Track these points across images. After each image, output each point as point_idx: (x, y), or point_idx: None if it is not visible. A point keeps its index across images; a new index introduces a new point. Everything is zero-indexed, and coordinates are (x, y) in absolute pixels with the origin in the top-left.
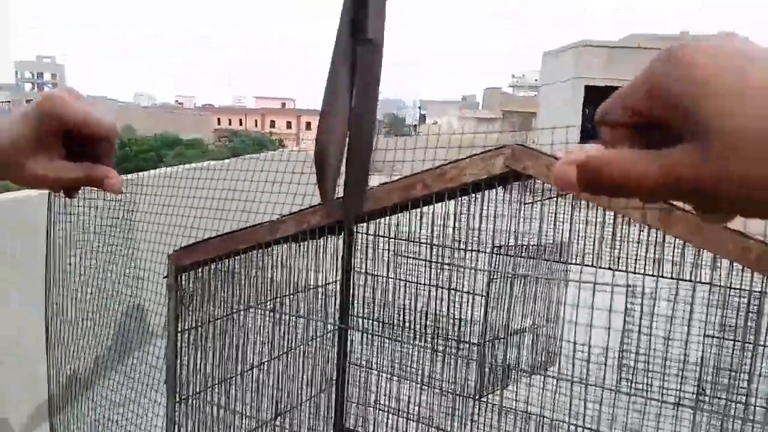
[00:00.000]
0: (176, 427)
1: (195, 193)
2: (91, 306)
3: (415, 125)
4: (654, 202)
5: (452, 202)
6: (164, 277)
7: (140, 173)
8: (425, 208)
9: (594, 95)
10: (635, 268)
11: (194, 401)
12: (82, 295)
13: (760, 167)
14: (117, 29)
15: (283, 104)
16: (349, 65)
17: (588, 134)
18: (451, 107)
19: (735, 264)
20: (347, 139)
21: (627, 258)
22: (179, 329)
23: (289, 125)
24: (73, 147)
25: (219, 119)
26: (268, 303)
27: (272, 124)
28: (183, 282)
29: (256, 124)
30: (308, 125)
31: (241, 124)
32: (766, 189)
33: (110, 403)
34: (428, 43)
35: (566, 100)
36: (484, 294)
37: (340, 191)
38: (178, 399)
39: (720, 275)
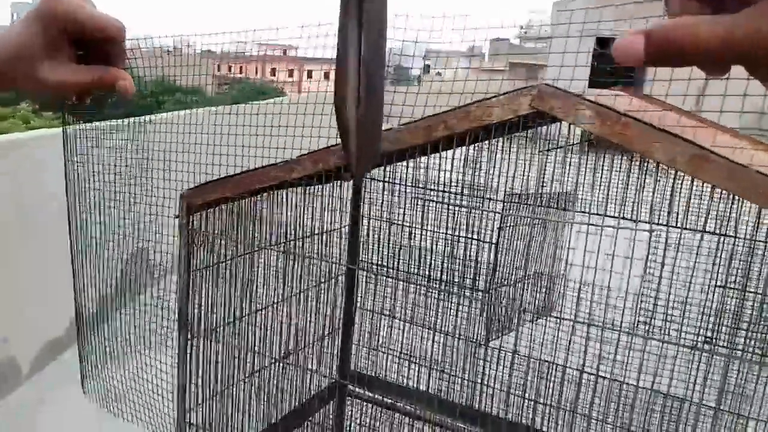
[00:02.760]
0: (188, 361)
1: (199, 139)
2: (110, 243)
3: (419, 76)
4: (720, 72)
5: (463, 148)
6: (175, 217)
7: (146, 116)
8: (442, 153)
9: (605, 48)
10: (659, 219)
11: (205, 339)
12: (102, 233)
13: None
14: None
15: (285, 51)
16: (357, 18)
17: (597, 85)
18: (456, 58)
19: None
20: (359, 91)
21: (651, 209)
22: (191, 268)
23: (291, 73)
24: (80, 51)
25: (219, 66)
26: (280, 245)
27: (273, 72)
28: (194, 222)
29: (256, 72)
30: (309, 74)
31: (241, 71)
32: None
33: (124, 336)
34: None
35: (576, 52)
36: (494, 241)
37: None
38: (189, 336)
39: (746, 228)
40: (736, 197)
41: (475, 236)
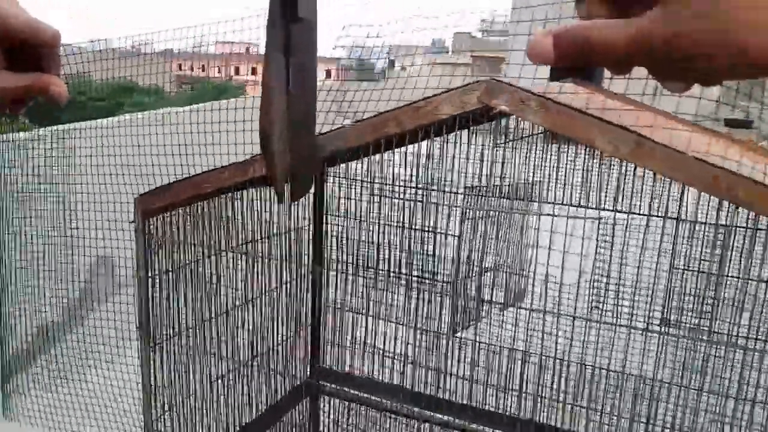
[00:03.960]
0: (152, 371)
1: (155, 141)
2: (50, 258)
3: (384, 71)
4: (624, 71)
5: (424, 143)
6: (130, 222)
7: (98, 120)
8: (397, 150)
9: None
10: (604, 204)
11: (168, 346)
12: (37, 249)
13: (704, 23)
14: None
15: (247, 49)
16: (283, 46)
17: (556, 79)
18: (420, 53)
19: (701, 199)
20: (288, 119)
21: (598, 194)
22: (149, 274)
23: (254, 71)
24: (12, 58)
25: (180, 65)
26: (241, 246)
27: (236, 70)
28: (151, 226)
29: (219, 71)
30: None
31: (203, 70)
32: (710, 45)
33: (79, 354)
34: None
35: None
36: (456, 234)
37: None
38: (152, 344)
39: (686, 210)
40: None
41: (437, 230)
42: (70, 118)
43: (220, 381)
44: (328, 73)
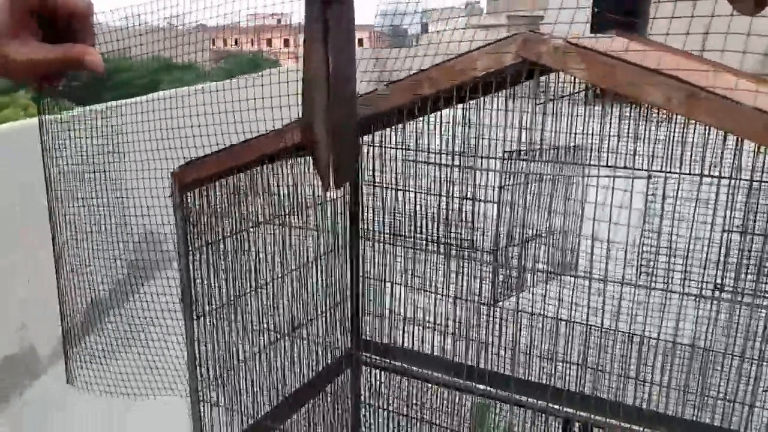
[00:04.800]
0: (196, 344)
1: (193, 115)
2: (101, 235)
3: (417, 36)
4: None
5: (460, 110)
6: (169, 196)
7: (141, 97)
8: (433, 116)
9: None
10: (651, 165)
11: (211, 319)
12: (90, 225)
13: None
14: None
15: (279, 20)
16: (323, 27)
17: (597, 30)
18: (454, 14)
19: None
20: (330, 100)
21: (644, 156)
22: (189, 248)
23: (286, 43)
24: (46, 29)
25: (213, 40)
26: (279, 218)
27: (269, 42)
28: (188, 200)
29: (252, 43)
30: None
31: (236, 43)
32: None
33: (129, 328)
34: None
35: None
36: (495, 201)
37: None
38: (195, 317)
39: (741, 170)
40: (738, 138)
41: (475, 197)
42: (113, 96)
43: (262, 352)
44: (360, 41)
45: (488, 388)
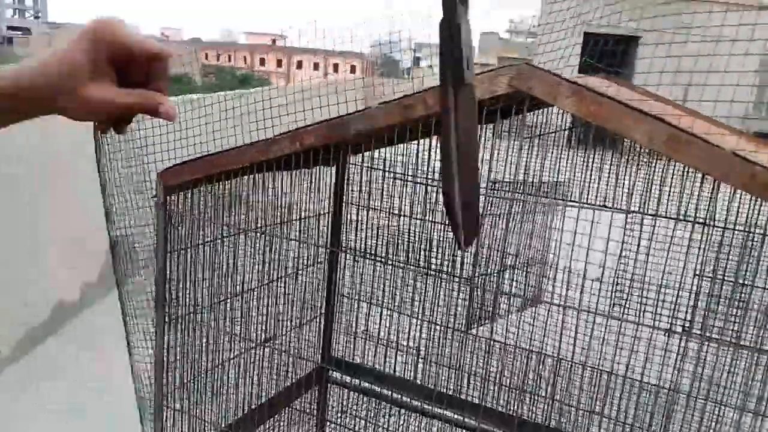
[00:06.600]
0: (166, 346)
1: (178, 126)
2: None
3: (409, 68)
4: None
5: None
6: (153, 197)
7: None
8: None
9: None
10: (630, 206)
11: (184, 322)
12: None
13: None
14: None
15: (274, 41)
16: (453, 108)
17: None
18: None
19: (732, 204)
20: (458, 173)
21: (623, 195)
22: (168, 250)
23: (279, 63)
24: (122, 75)
25: (207, 54)
26: (260, 228)
27: (262, 61)
28: (172, 202)
29: (245, 61)
30: (299, 64)
31: (230, 60)
32: None
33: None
34: None
35: (565, 46)
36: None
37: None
38: (167, 319)
39: (714, 214)
40: (714, 182)
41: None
42: None
43: (232, 362)
44: (353, 69)
45: (456, 415)
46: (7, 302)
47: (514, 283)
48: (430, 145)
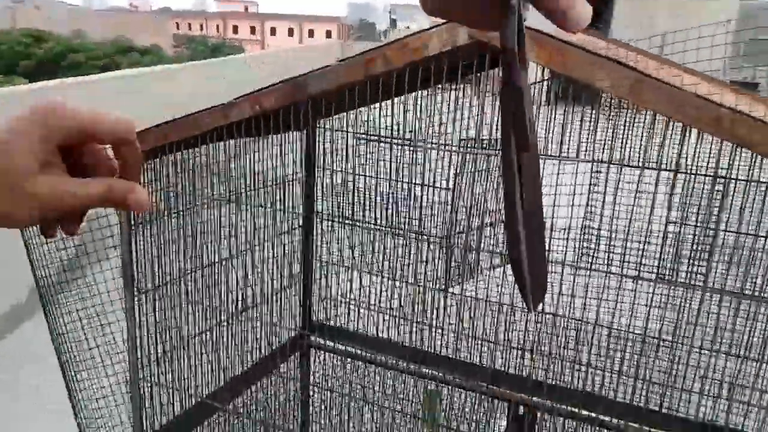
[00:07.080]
0: (136, 319)
1: (151, 99)
2: None
3: (386, 31)
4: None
5: (417, 93)
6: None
7: (91, 76)
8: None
9: None
10: (600, 156)
11: (155, 294)
12: None
13: None
14: None
15: (246, 8)
16: (516, 174)
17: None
18: (421, 11)
19: (699, 148)
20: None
21: (593, 145)
22: (132, 222)
23: (252, 30)
24: (75, 160)
25: (178, 24)
26: (231, 196)
27: (235, 29)
28: None
29: (217, 29)
30: (273, 30)
31: (201, 29)
32: None
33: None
34: None
35: None
36: (449, 188)
37: None
38: (137, 292)
39: (686, 160)
40: (681, 127)
41: (425, 183)
42: (65, 76)
43: (208, 332)
44: (329, 33)
45: (432, 371)
46: None
47: (490, 241)
48: (392, 104)
